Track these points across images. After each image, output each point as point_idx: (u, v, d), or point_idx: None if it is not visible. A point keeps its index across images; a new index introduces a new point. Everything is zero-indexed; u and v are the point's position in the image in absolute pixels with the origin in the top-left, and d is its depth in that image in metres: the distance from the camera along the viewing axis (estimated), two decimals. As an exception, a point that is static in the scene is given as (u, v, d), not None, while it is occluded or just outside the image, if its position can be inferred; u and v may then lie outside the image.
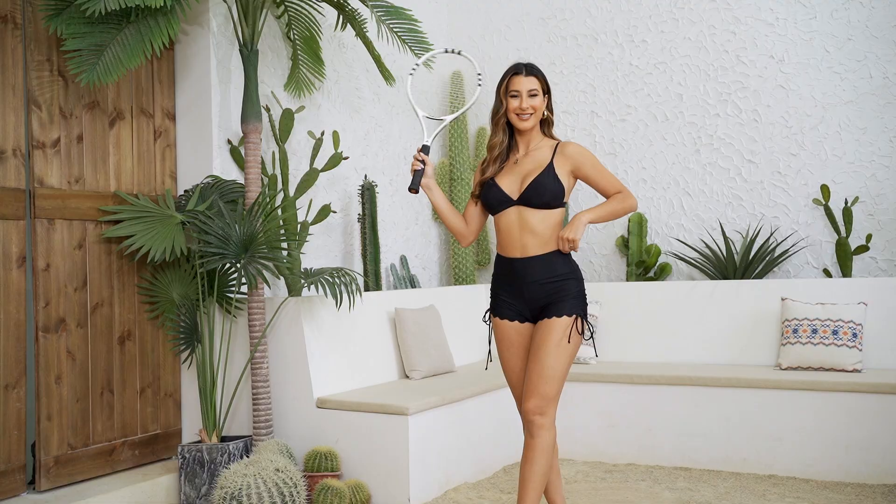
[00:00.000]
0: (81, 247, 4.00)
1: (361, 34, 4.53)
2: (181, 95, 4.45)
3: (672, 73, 5.56)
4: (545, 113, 3.13)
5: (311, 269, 4.21)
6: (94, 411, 4.04)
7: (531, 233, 3.04)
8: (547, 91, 3.12)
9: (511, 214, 3.08)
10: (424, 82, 5.99)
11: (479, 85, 3.32)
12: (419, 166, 3.13)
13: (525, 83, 3.06)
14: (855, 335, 4.41)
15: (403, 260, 5.65)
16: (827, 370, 4.43)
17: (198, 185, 4.28)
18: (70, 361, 3.94)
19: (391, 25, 4.37)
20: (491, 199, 3.11)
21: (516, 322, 3.12)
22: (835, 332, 4.44)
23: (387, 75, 4.78)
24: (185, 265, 4.19)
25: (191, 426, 4.42)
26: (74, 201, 3.96)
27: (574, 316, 3.02)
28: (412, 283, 5.60)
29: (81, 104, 4.01)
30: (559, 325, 3.00)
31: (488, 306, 3.23)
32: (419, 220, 5.92)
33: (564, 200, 3.08)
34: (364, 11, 4.65)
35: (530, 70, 3.09)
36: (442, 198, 3.21)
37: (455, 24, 6.27)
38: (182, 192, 4.39)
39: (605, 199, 3.13)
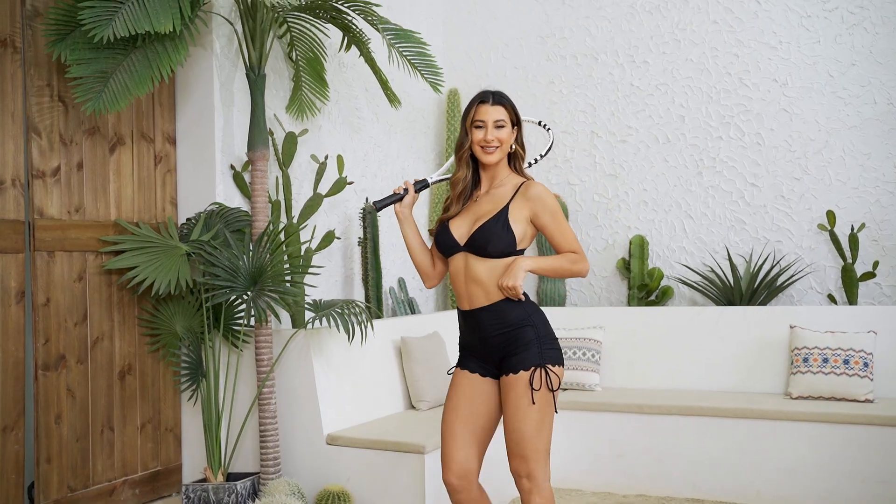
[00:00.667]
0: (81, 279, 3.83)
1: (368, 57, 4.41)
2: (182, 118, 4.30)
3: (674, 95, 5.52)
4: (513, 146, 2.85)
5: (320, 300, 4.09)
6: (94, 450, 3.87)
7: (475, 282, 2.78)
8: (517, 123, 2.85)
9: (458, 261, 2.83)
10: (422, 100, 5.88)
11: (548, 129, 3.07)
12: (400, 192, 2.93)
13: (491, 113, 2.80)
14: (866, 364, 4.39)
15: (401, 282, 5.54)
16: (839, 400, 4.40)
17: (201, 213, 4.12)
18: (70, 399, 3.78)
19: (401, 50, 4.25)
20: (440, 244, 2.88)
21: (476, 375, 2.86)
22: (846, 362, 4.42)
23: (392, 98, 4.66)
24: (189, 297, 4.04)
25: (192, 462, 4.27)
26: (74, 231, 3.80)
27: (533, 369, 2.73)
28: (411, 306, 5.49)
29: (81, 130, 3.85)
30: (518, 383, 2.73)
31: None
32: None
33: (519, 248, 2.79)
34: (369, 32, 4.53)
35: (498, 99, 2.82)
36: (414, 232, 2.96)
37: (451, 41, 6.17)
38: (184, 220, 4.23)
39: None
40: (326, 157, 4.64)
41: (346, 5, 4.08)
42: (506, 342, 2.78)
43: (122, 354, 4.00)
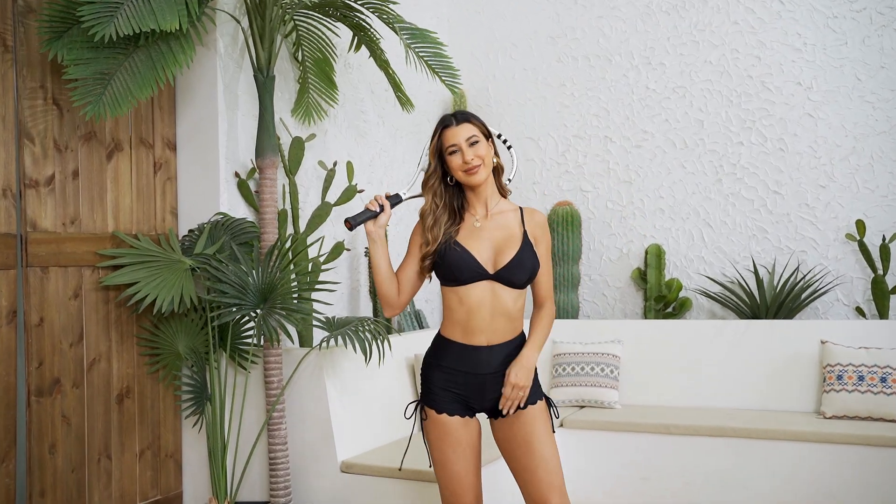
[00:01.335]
0: (77, 296, 3.55)
1: (380, 58, 4.15)
2: (183, 123, 4.02)
3: (692, 99, 5.30)
4: (494, 160, 2.67)
5: (333, 317, 3.83)
6: (90, 481, 3.59)
7: (504, 316, 2.62)
8: (488, 135, 2.67)
9: (481, 292, 2.60)
10: (427, 103, 5.62)
11: (509, 148, 2.89)
12: (375, 208, 2.66)
13: (460, 133, 2.60)
14: (903, 382, 4.20)
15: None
16: (876, 420, 4.20)
17: (205, 223, 3.85)
18: (65, 427, 3.49)
19: (417, 50, 4.00)
20: (459, 268, 2.59)
21: (466, 418, 2.66)
22: (883, 380, 4.22)
23: (405, 101, 4.41)
24: (193, 315, 3.76)
25: (193, 490, 3.99)
26: (70, 245, 3.51)
27: (543, 400, 2.70)
28: (418, 319, 5.24)
29: (77, 135, 3.56)
30: (541, 414, 2.66)
31: (417, 398, 2.76)
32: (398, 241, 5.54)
33: None
34: (380, 32, 4.27)
35: (462, 117, 2.63)
36: (384, 255, 2.70)
37: (456, 40, 5.92)
38: (186, 232, 3.95)
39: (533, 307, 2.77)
40: (335, 164, 4.37)
41: (360, 3, 3.82)
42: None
43: (119, 377, 3.72)
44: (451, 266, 2.60)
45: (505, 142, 2.86)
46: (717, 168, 5.24)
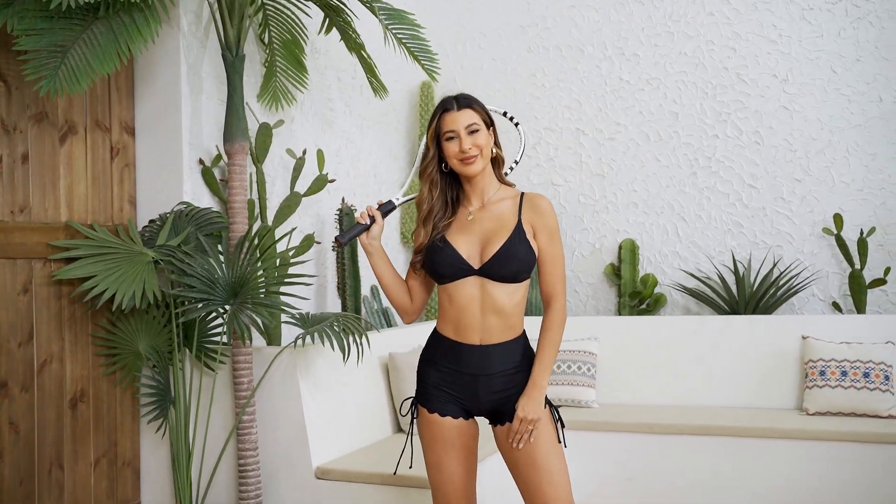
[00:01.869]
0: (27, 291, 3.25)
1: (354, 41, 3.92)
2: (142, 106, 3.74)
3: (666, 90, 5.19)
4: (494, 150, 2.49)
5: (308, 314, 3.59)
6: (40, 493, 3.29)
7: (496, 313, 2.42)
8: (491, 123, 2.49)
9: (469, 287, 2.43)
10: (393, 92, 5.41)
11: (517, 125, 2.69)
12: (365, 221, 2.50)
13: (460, 119, 2.42)
14: (887, 378, 4.13)
15: (375, 291, 5.05)
16: (859, 416, 4.13)
17: (168, 213, 3.57)
18: (13, 435, 3.19)
19: (395, 32, 3.79)
20: (443, 265, 2.43)
21: (460, 419, 2.48)
22: (866, 375, 4.15)
23: (377, 87, 4.19)
24: (155, 311, 3.49)
25: (153, 499, 3.70)
26: (19, 235, 3.21)
27: (548, 408, 2.45)
28: (386, 317, 5.02)
29: (27, 115, 3.26)
30: (544, 422, 2.42)
31: (412, 395, 2.58)
32: (388, 247, 5.33)
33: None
34: (355, 12, 4.05)
35: (464, 102, 2.45)
36: (386, 265, 2.58)
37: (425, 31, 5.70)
38: (146, 223, 3.67)
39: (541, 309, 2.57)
40: (304, 152, 4.13)
41: (335, -21, 3.60)
42: (513, 383, 2.44)
43: (73, 379, 3.42)
44: (434, 263, 2.46)
45: (512, 119, 2.67)
46: (691, 161, 5.14)
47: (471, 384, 2.45)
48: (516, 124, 2.69)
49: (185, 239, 3.45)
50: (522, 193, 2.53)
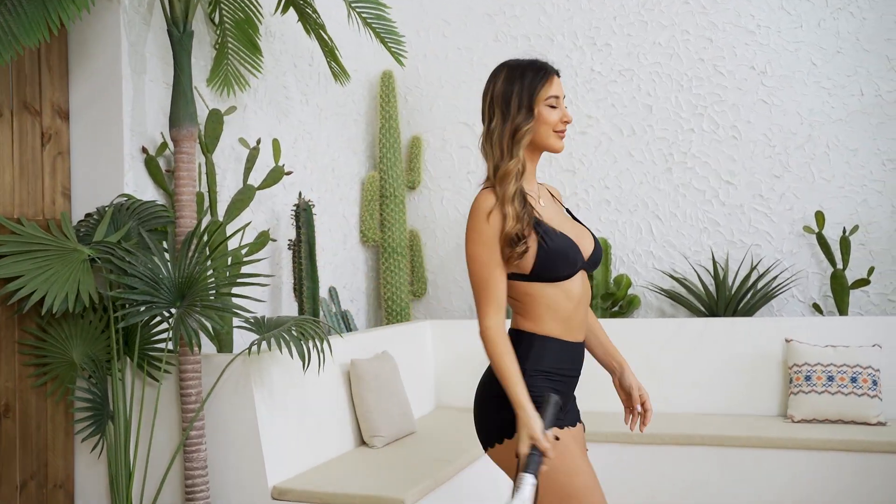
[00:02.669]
0: (-57, 294, 2.86)
1: (314, 22, 3.61)
2: (78, 88, 3.37)
3: (640, 82, 4.96)
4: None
5: (263, 318, 3.26)
6: (-41, 521, 2.91)
7: (587, 308, 2.28)
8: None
9: (578, 283, 2.19)
10: (352, 82, 5.09)
11: None
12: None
13: (561, 87, 2.21)
14: (875, 382, 3.94)
15: (333, 292, 4.74)
16: (847, 423, 3.94)
17: (108, 206, 3.22)
18: (-74, 456, 2.80)
19: (360, 11, 3.48)
20: (568, 257, 2.12)
21: (578, 425, 2.33)
22: (853, 380, 3.96)
23: (338, 73, 3.88)
24: (91, 315, 3.13)
25: (89, 524, 3.34)
26: (-67, 230, 2.83)
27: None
28: (345, 320, 4.70)
29: (-57, 95, 2.88)
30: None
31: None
32: (347, 244, 5.02)
33: None
34: (313, -9, 3.74)
35: (555, 70, 2.23)
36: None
37: (384, 16, 5.40)
38: (82, 217, 3.31)
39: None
40: (259, 142, 3.80)
41: (294, -50, 3.28)
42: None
43: (-2, 392, 3.05)
44: (561, 258, 2.12)
45: None
46: (666, 157, 4.92)
47: (572, 386, 2.28)
48: None
49: (126, 235, 3.09)
50: (540, 184, 2.36)
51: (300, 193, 4.26)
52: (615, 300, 4.85)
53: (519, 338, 2.17)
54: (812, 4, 4.66)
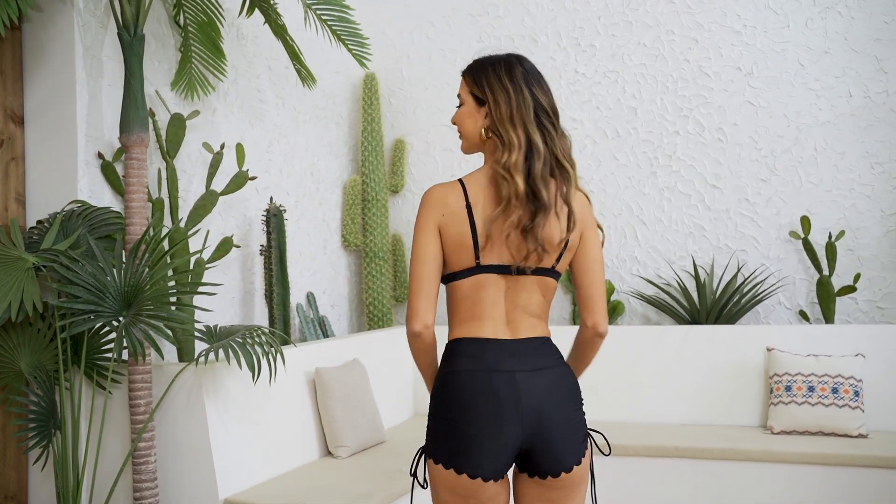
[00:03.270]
0: None
1: (276, 23, 3.55)
2: (33, 92, 3.33)
3: (624, 84, 4.85)
4: (482, 134, 2.06)
5: (215, 326, 3.20)
6: None
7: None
8: (485, 100, 2.04)
9: None
10: (334, 84, 5.03)
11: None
12: None
13: (462, 87, 2.11)
14: (857, 393, 3.82)
15: (311, 298, 4.67)
16: (827, 435, 3.81)
17: (57, 213, 3.17)
18: None
19: (320, 13, 3.41)
20: None
21: None
22: (835, 391, 3.83)
23: (305, 76, 3.81)
24: (39, 323, 3.08)
25: (44, 535, 3.30)
26: None
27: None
28: (322, 326, 4.63)
29: None
30: None
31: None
32: (327, 249, 4.95)
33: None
34: (277, -7, 3.68)
35: (464, 70, 2.12)
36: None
37: (367, 16, 5.31)
38: (35, 224, 3.26)
39: None
40: (223, 147, 3.74)
41: (249, -48, 3.22)
42: None
43: (-55, 401, 3.01)
44: None
45: None
46: (651, 160, 4.81)
47: None
48: None
49: (76, 242, 3.04)
50: None
51: (271, 198, 4.20)
52: (598, 307, 4.74)
53: None
54: (799, 4, 4.53)
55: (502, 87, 2.03)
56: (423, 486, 2.07)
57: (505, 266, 2.02)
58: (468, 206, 2.01)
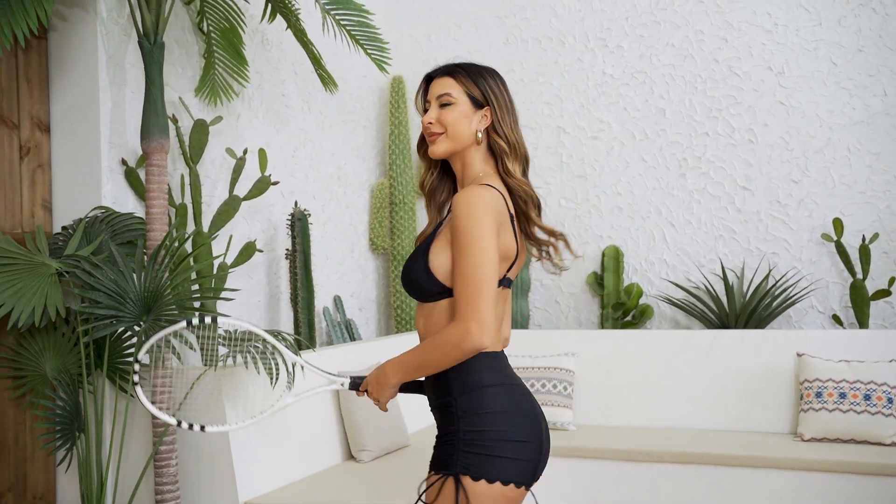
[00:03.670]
0: (-86, 307, 2.89)
1: (297, 28, 3.57)
2: (58, 100, 3.39)
3: (653, 85, 4.79)
4: (479, 136, 1.99)
5: (234, 331, 3.22)
6: (-69, 533, 2.94)
7: (419, 335, 2.04)
8: (484, 102, 2.00)
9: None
10: (361, 88, 5.04)
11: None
12: (395, 393, 2.03)
13: (435, 87, 2.02)
14: (890, 400, 3.72)
15: (338, 301, 4.69)
16: (859, 443, 3.72)
17: (81, 219, 3.22)
18: None
19: (339, 19, 3.42)
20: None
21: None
22: (867, 397, 3.74)
23: (326, 80, 3.83)
24: (64, 327, 3.13)
25: (70, 536, 3.35)
26: None
27: (431, 475, 1.92)
28: (349, 329, 4.65)
29: (-86, 110, 2.92)
30: (426, 483, 1.94)
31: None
32: (355, 252, 4.97)
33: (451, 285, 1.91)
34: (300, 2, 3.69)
35: (448, 70, 2.04)
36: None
37: (394, 20, 5.35)
38: (59, 230, 3.32)
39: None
40: (245, 152, 3.77)
41: (268, -42, 3.24)
42: (438, 422, 1.99)
43: (-27, 404, 3.07)
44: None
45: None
46: (680, 162, 4.74)
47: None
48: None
49: (98, 248, 3.09)
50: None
51: (296, 202, 4.22)
52: (626, 310, 4.70)
53: None
54: (832, 1, 4.44)
55: (502, 93, 2.03)
56: None
57: (511, 280, 2.01)
58: (511, 217, 1.96)
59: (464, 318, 1.83)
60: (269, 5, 3.59)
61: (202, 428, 2.15)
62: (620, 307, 4.69)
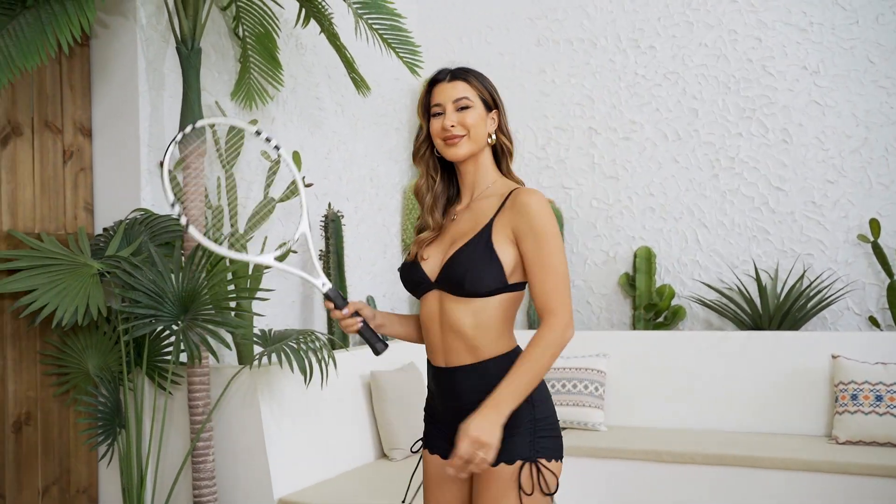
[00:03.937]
0: (-38, 306, 2.99)
1: (329, 32, 3.62)
2: (99, 105, 3.48)
3: (685, 85, 4.78)
4: (492, 137, 2.08)
5: (270, 330, 3.28)
6: (-22, 524, 3.03)
7: (455, 332, 2.01)
8: (494, 105, 2.09)
9: (430, 303, 2.07)
10: (393, 91, 5.10)
11: (276, 148, 2.27)
12: (358, 324, 2.07)
13: (449, 91, 2.05)
14: (927, 403, 3.68)
15: (371, 301, 4.74)
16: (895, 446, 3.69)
17: (122, 221, 3.30)
18: (-56, 462, 2.94)
19: (371, 22, 3.47)
20: (405, 281, 2.12)
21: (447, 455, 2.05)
22: (903, 399, 3.71)
23: (359, 83, 3.88)
24: (105, 326, 3.22)
25: (111, 529, 3.44)
26: (-48, 246, 2.96)
27: (521, 464, 1.95)
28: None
29: (-38, 116, 3.02)
30: (499, 480, 1.95)
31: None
32: (387, 253, 5.02)
33: (512, 282, 1.99)
34: (333, 4, 3.75)
35: (459, 73, 2.08)
36: (398, 324, 2.21)
37: (427, 23, 5.40)
38: (101, 231, 3.41)
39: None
40: (279, 154, 3.82)
41: (303, -35, 3.30)
42: None
43: (18, 400, 3.16)
44: (404, 279, 2.14)
45: (269, 140, 2.27)
46: (713, 162, 4.72)
47: (444, 410, 2.07)
48: (276, 147, 2.26)
49: (138, 249, 3.17)
50: (513, 190, 2.05)
51: (329, 204, 4.28)
52: (658, 311, 4.69)
53: None
54: (868, -1, 4.40)
55: (499, 97, 2.13)
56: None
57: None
58: None
59: (562, 312, 1.95)
60: (303, 10, 3.65)
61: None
62: (652, 308, 4.69)
